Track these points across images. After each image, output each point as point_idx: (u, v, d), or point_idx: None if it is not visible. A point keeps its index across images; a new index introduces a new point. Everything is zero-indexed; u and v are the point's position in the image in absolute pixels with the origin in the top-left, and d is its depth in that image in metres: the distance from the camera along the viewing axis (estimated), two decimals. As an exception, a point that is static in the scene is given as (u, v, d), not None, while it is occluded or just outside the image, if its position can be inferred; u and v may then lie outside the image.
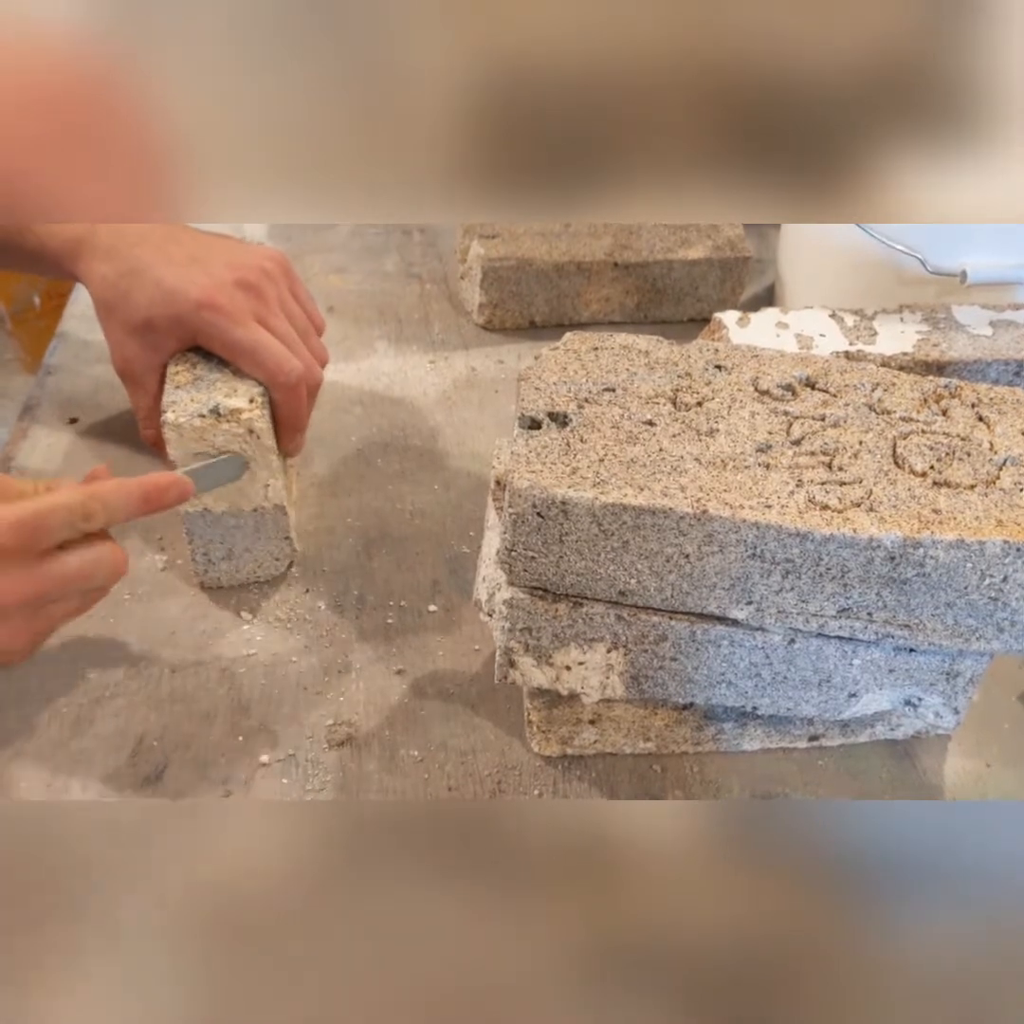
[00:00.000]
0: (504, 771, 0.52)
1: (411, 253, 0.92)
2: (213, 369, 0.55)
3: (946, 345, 0.63)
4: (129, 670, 0.55)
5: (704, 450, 0.43)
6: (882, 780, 0.52)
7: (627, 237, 0.81)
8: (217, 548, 0.58)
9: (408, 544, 0.64)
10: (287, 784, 0.51)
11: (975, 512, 0.41)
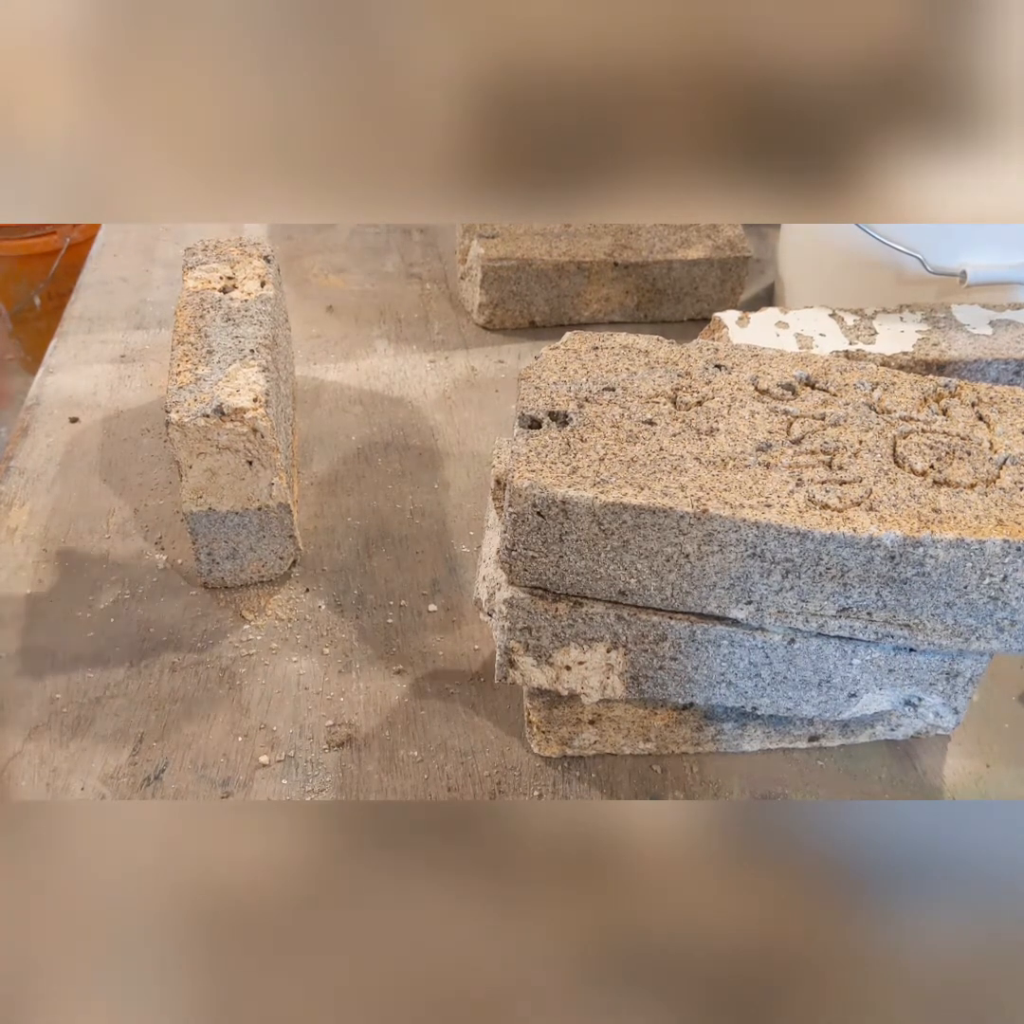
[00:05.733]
0: (504, 771, 0.52)
1: (411, 253, 0.92)
2: (215, 369, 0.56)
3: (946, 345, 0.63)
4: (129, 670, 0.55)
5: (704, 449, 0.43)
6: (882, 780, 0.52)
7: (627, 237, 0.81)
8: (221, 547, 0.58)
9: (408, 544, 0.64)
10: (287, 784, 0.51)
11: (975, 511, 0.41)
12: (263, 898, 0.33)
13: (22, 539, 0.62)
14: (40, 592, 0.59)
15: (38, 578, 0.60)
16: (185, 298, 0.62)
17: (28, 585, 0.59)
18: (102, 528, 0.63)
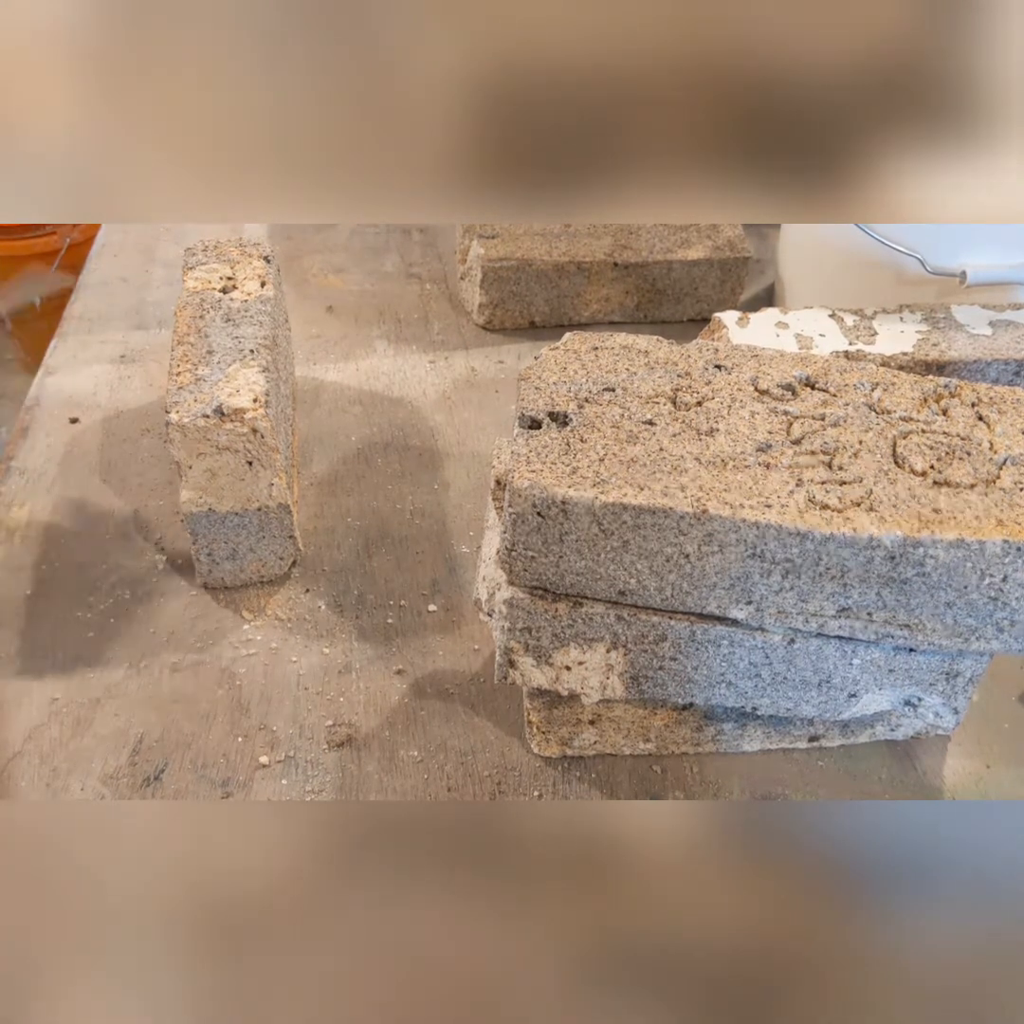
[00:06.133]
0: (504, 772, 0.52)
1: (411, 253, 0.92)
2: (215, 369, 0.56)
3: (946, 345, 0.63)
4: (129, 670, 0.55)
5: (704, 450, 0.43)
6: (882, 780, 0.52)
7: (627, 237, 0.81)
8: (221, 548, 0.58)
9: (408, 544, 0.64)
10: (286, 785, 0.51)
11: (975, 512, 0.41)
12: (263, 898, 0.33)
13: (22, 539, 0.62)
14: (40, 592, 0.59)
15: (38, 578, 0.60)
16: (185, 298, 0.62)
17: (28, 585, 0.59)
18: (102, 528, 0.63)
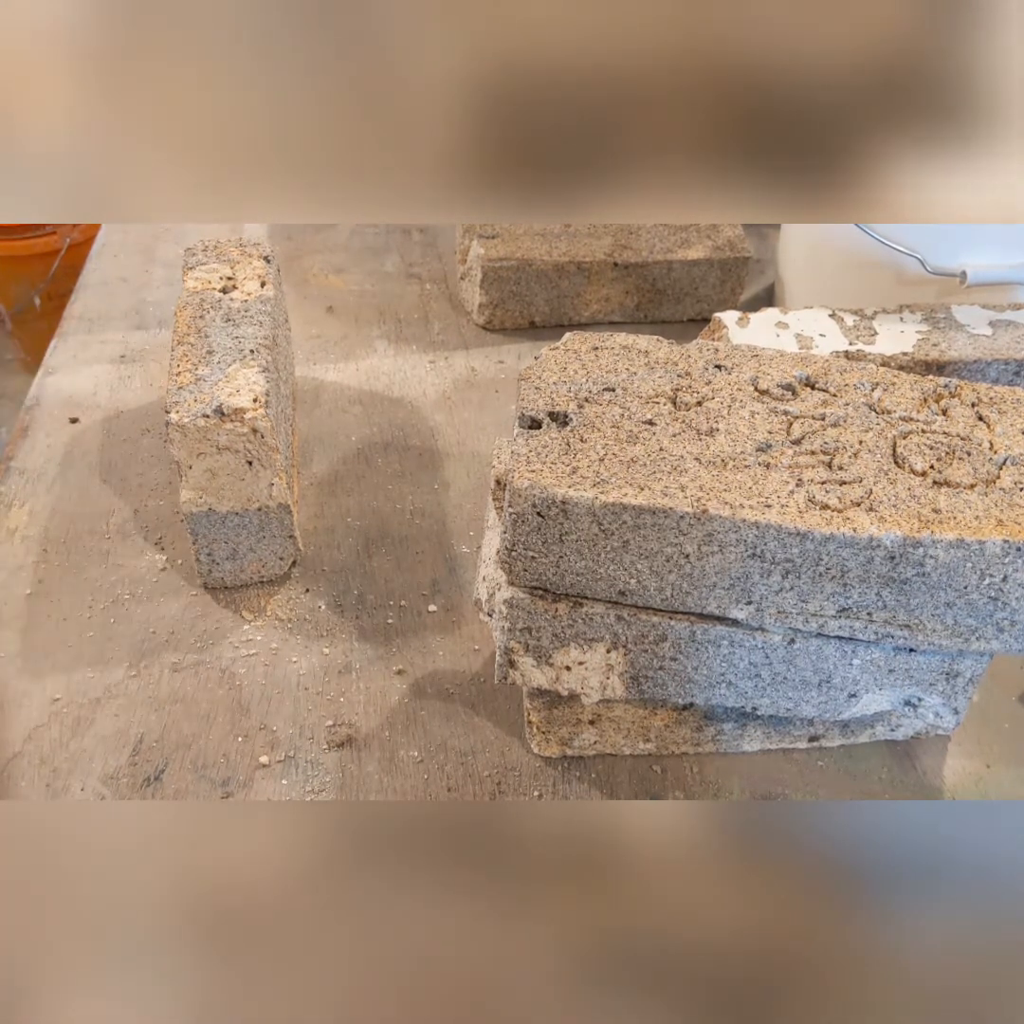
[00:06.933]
0: (504, 772, 0.52)
1: (411, 253, 0.92)
2: (215, 369, 0.56)
3: (946, 345, 0.63)
4: (129, 670, 0.55)
5: (704, 450, 0.43)
6: (882, 780, 0.52)
7: (627, 237, 0.81)
8: (221, 548, 0.58)
9: (408, 544, 0.64)
10: (287, 785, 0.51)
11: (975, 512, 0.41)
12: (263, 898, 0.33)
13: (22, 539, 0.62)
14: (40, 592, 0.59)
15: (38, 578, 0.60)
16: (185, 298, 0.62)
17: (28, 585, 0.59)
18: (102, 528, 0.63)
